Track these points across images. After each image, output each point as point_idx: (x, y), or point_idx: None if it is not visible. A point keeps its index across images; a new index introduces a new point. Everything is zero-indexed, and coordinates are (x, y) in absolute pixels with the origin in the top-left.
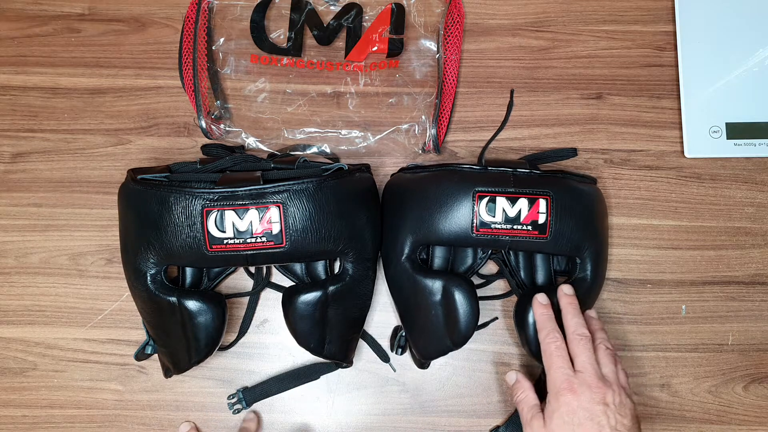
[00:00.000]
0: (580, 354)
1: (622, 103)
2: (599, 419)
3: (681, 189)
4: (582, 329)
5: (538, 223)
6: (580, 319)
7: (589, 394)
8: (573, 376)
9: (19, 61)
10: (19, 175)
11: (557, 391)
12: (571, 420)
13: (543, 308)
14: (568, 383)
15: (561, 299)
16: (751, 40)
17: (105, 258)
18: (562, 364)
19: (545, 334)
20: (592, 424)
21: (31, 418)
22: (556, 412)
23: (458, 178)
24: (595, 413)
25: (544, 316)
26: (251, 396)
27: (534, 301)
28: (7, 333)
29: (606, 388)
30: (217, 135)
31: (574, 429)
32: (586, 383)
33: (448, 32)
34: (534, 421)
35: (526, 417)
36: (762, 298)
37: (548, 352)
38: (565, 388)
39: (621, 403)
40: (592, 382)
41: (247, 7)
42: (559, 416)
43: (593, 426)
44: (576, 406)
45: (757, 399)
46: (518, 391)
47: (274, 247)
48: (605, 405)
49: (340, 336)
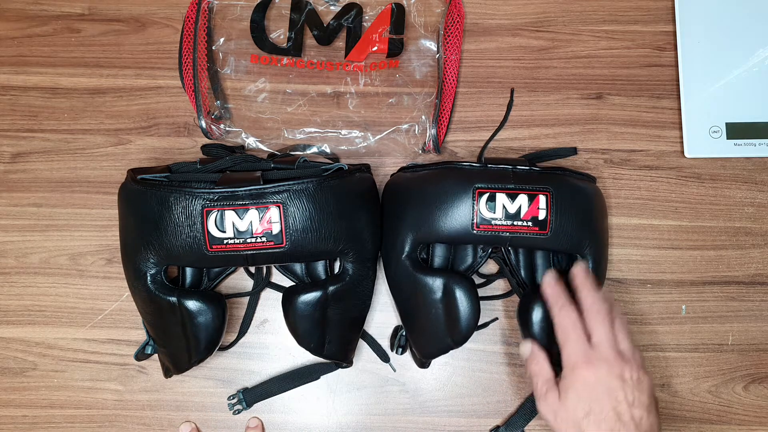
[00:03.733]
0: (597, 328)
1: (622, 103)
2: (616, 394)
3: (681, 189)
4: (599, 304)
5: (538, 219)
6: (597, 294)
7: (607, 369)
8: (590, 349)
9: (19, 61)
10: (19, 175)
11: (573, 365)
12: (588, 395)
13: (553, 284)
14: (585, 357)
15: (576, 277)
16: (751, 40)
17: (105, 258)
18: (578, 338)
19: (559, 308)
20: (609, 398)
21: (31, 418)
22: (571, 387)
23: (458, 175)
24: (613, 388)
25: (555, 291)
26: (251, 397)
27: (543, 279)
28: (7, 333)
29: (624, 363)
30: (217, 135)
31: (591, 404)
32: (603, 357)
33: (448, 32)
34: (549, 395)
35: (541, 390)
36: (762, 298)
37: (563, 325)
38: (582, 361)
39: (638, 379)
40: (610, 357)
41: (247, 7)
42: (575, 390)
43: (610, 401)
44: (593, 380)
45: (757, 399)
46: (533, 363)
47: (274, 247)
48: (623, 380)
49: (340, 336)
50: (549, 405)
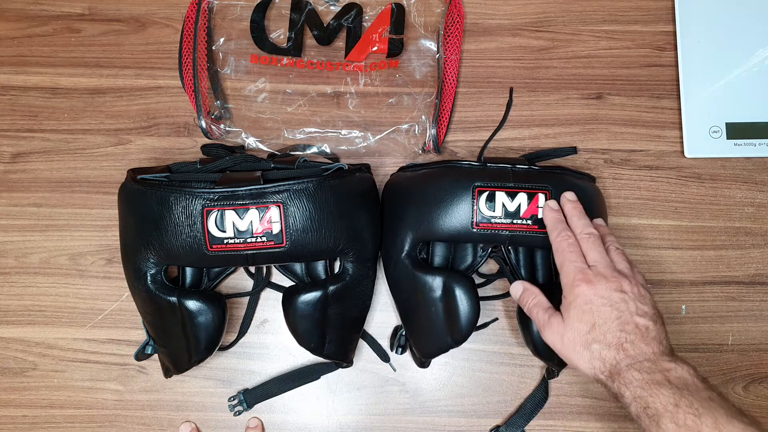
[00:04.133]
0: (591, 250)
1: (622, 103)
2: (618, 305)
3: (681, 189)
4: (590, 228)
5: (538, 218)
6: (587, 220)
7: (605, 283)
8: (587, 268)
9: (19, 61)
10: (19, 175)
11: (572, 284)
12: (589, 308)
13: (553, 212)
14: (583, 275)
15: (565, 205)
16: (751, 40)
17: (105, 258)
18: (576, 259)
19: (557, 234)
20: (611, 309)
21: (31, 418)
22: (572, 304)
23: (457, 174)
24: (614, 300)
25: (554, 219)
26: (252, 397)
27: (545, 208)
28: (7, 333)
29: (622, 277)
30: (217, 135)
31: (594, 317)
32: (601, 274)
33: (448, 32)
34: (552, 320)
35: (543, 318)
36: (762, 298)
37: (560, 249)
38: (580, 279)
39: (639, 293)
40: (607, 273)
41: (247, 7)
42: (576, 306)
43: (612, 311)
44: (592, 294)
45: (757, 399)
46: (530, 297)
47: (275, 246)
48: (623, 292)
49: (340, 336)
50: (554, 330)
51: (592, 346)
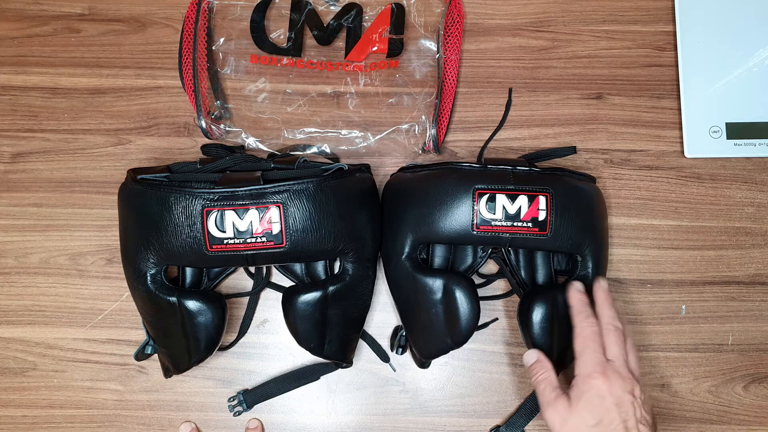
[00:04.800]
0: (613, 345)
1: (622, 103)
2: (626, 408)
3: (681, 189)
4: (617, 322)
5: (538, 220)
6: (615, 312)
7: (621, 383)
8: (606, 362)
9: (19, 61)
10: (19, 175)
11: (588, 374)
12: (600, 403)
13: (580, 294)
14: (602, 368)
15: (597, 292)
16: (751, 40)
17: (105, 258)
18: (597, 349)
19: (582, 318)
20: (620, 411)
21: (31, 418)
22: (585, 394)
23: (458, 176)
24: (624, 402)
25: (581, 302)
26: (252, 398)
27: (571, 288)
28: (7, 333)
29: (635, 381)
30: (217, 135)
31: (602, 414)
32: (617, 372)
33: (448, 32)
34: (558, 401)
35: (549, 397)
36: (762, 298)
37: (584, 335)
38: (599, 372)
39: (645, 400)
40: (624, 373)
41: (247, 7)
42: (588, 398)
43: (620, 413)
44: (606, 391)
45: (757, 399)
46: (540, 370)
47: (275, 247)
48: (633, 396)
49: (340, 336)
50: (558, 411)
51: None
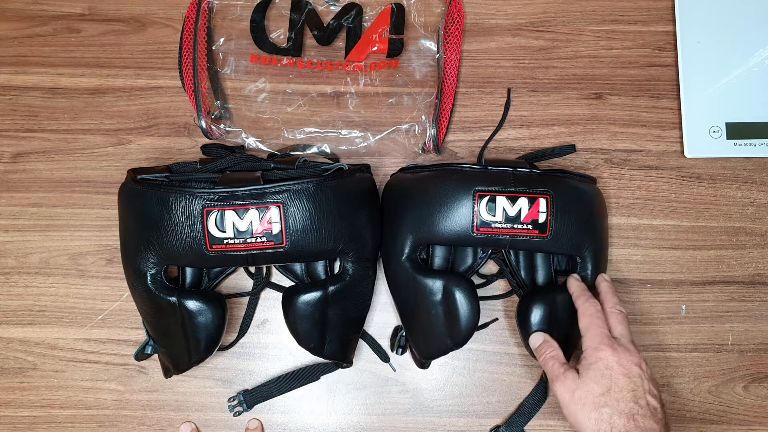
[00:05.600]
0: (619, 325)
1: (622, 103)
2: (635, 380)
3: (681, 189)
4: (621, 306)
5: (538, 222)
6: (618, 299)
7: (628, 356)
8: (612, 337)
9: (19, 61)
10: (19, 175)
11: (596, 347)
12: (609, 373)
13: (579, 282)
14: (609, 341)
15: (600, 284)
16: (751, 40)
17: (105, 258)
18: (602, 325)
19: (584, 300)
20: (629, 381)
21: (31, 418)
22: (593, 366)
23: (458, 177)
24: (633, 373)
25: (580, 287)
26: (252, 398)
27: (570, 278)
28: (7, 333)
29: (641, 356)
30: (217, 135)
31: (611, 383)
32: (624, 346)
33: (448, 32)
34: (567, 374)
35: (558, 372)
36: (762, 298)
37: (588, 312)
38: (606, 344)
39: (652, 376)
40: (630, 347)
41: (247, 7)
42: (596, 369)
43: (630, 383)
44: (614, 361)
45: (757, 399)
46: (547, 349)
47: (275, 247)
48: (641, 369)
49: (340, 336)
50: (566, 384)
51: (603, 410)
